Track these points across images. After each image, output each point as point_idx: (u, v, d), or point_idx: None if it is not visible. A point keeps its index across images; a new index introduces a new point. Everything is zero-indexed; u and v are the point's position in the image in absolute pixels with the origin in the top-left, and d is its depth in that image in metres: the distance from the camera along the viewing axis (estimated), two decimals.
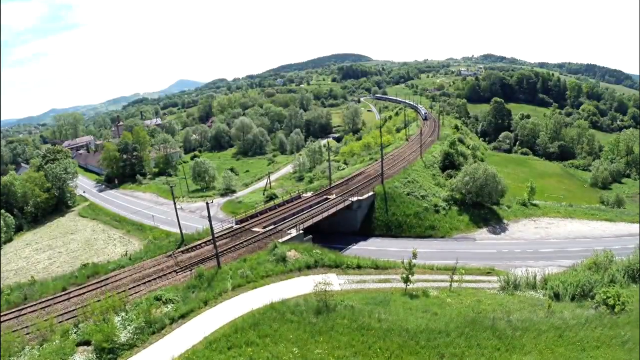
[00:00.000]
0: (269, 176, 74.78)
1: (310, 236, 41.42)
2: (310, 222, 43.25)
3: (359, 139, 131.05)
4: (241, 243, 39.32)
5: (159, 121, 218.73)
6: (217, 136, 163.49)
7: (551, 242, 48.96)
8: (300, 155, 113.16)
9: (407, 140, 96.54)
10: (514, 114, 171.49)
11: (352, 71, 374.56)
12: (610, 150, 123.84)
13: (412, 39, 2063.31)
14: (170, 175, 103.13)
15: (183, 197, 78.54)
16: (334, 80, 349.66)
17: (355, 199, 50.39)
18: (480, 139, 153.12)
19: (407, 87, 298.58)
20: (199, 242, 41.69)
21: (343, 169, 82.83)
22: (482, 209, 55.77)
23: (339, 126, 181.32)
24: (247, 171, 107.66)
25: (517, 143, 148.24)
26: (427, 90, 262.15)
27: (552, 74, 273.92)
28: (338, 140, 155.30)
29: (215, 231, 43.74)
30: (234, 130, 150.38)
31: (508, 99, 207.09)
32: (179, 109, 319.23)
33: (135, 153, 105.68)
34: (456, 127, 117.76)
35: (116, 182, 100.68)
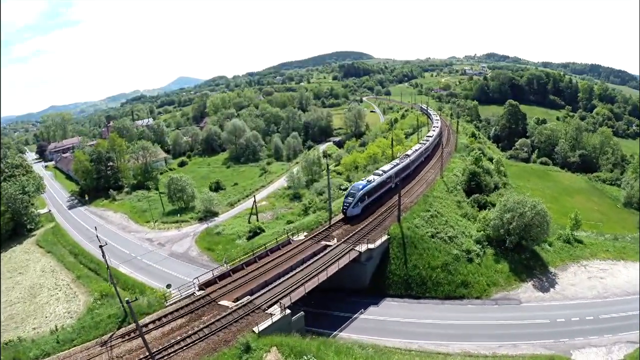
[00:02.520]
0: (254, 202, 62.15)
1: (302, 314, 29.42)
2: (302, 293, 31.11)
3: (363, 144, 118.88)
4: (201, 330, 27.18)
5: (150, 122, 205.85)
6: (208, 139, 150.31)
7: (611, 301, 39.18)
8: (297, 162, 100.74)
9: None
10: (528, 118, 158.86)
11: (353, 69, 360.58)
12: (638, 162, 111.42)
13: (414, 37, 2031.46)
14: (149, 189, 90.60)
15: (155, 222, 66.10)
16: (335, 78, 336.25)
17: (364, 248, 38.04)
18: (494, 144, 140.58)
19: (411, 86, 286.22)
20: (149, 318, 29.70)
21: (346, 188, 70.36)
22: (523, 252, 44.13)
23: (340, 129, 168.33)
24: (236, 184, 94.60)
25: (534, 151, 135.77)
26: (433, 90, 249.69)
27: (564, 75, 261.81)
28: (339, 145, 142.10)
29: (168, 303, 32.09)
30: (226, 134, 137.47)
31: (518, 100, 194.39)
32: (175, 107, 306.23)
33: (110, 163, 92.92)
34: (473, 135, 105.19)
35: (87, 197, 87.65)
